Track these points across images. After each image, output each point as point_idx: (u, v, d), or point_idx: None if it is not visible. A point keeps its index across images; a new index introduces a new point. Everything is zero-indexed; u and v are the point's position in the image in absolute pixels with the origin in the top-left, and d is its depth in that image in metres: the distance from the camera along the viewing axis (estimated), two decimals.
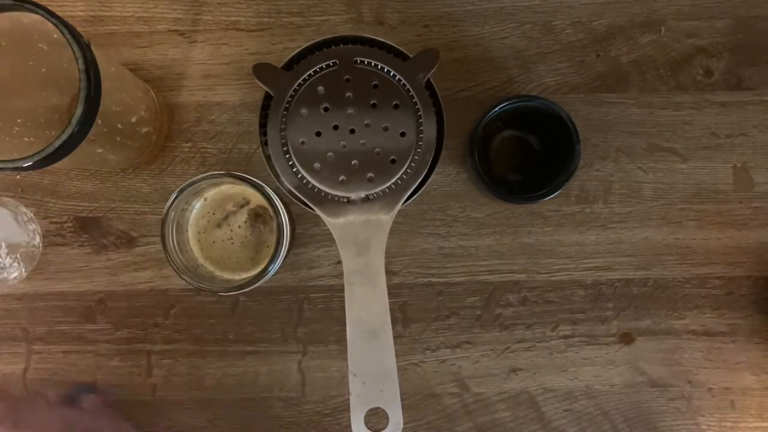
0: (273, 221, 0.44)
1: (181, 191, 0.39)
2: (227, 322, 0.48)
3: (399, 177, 0.38)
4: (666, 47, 0.48)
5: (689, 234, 0.48)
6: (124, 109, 0.41)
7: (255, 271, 0.42)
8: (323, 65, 0.38)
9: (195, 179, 0.39)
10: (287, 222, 0.41)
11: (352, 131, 0.38)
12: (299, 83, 0.38)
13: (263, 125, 0.39)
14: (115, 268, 0.48)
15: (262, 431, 0.48)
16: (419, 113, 0.38)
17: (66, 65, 0.41)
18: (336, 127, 0.38)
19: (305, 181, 0.38)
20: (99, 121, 0.35)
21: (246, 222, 0.45)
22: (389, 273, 0.48)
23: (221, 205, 0.45)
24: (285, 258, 0.42)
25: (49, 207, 0.48)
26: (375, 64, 0.38)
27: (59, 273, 0.48)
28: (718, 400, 0.48)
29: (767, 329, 0.48)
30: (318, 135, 0.38)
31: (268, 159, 0.40)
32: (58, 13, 0.34)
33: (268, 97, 0.39)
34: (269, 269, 0.40)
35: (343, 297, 0.38)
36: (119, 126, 0.41)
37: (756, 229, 0.48)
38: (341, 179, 0.38)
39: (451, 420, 0.48)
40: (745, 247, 0.48)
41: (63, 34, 0.33)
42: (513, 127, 0.47)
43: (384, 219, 0.38)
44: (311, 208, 0.39)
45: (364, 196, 0.38)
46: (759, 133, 0.48)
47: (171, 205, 0.40)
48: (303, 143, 0.38)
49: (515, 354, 0.48)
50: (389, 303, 0.38)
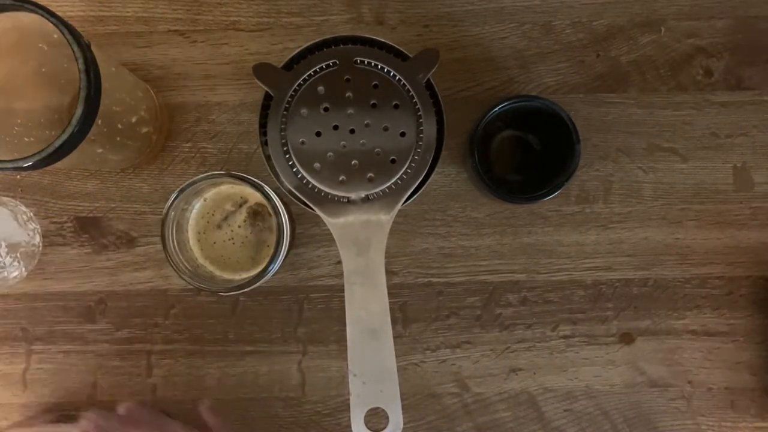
0: (272, 218, 0.44)
1: (181, 191, 0.39)
2: (227, 322, 0.48)
3: (399, 177, 0.38)
4: (666, 47, 0.48)
5: (689, 234, 0.48)
6: (124, 109, 0.41)
7: (255, 271, 0.42)
8: (323, 65, 0.38)
9: (195, 179, 0.39)
10: (287, 222, 0.41)
11: (352, 131, 0.38)
12: (299, 83, 0.38)
13: (263, 125, 0.39)
14: (115, 268, 0.48)
15: (262, 431, 0.48)
16: (419, 113, 0.38)
17: (66, 65, 0.41)
18: (336, 127, 0.38)
19: (305, 181, 0.38)
20: (99, 121, 0.35)
21: (245, 221, 0.45)
22: (389, 273, 0.48)
23: (221, 206, 0.45)
24: (285, 258, 0.42)
25: (49, 207, 0.48)
26: (375, 64, 0.38)
27: (59, 273, 0.48)
28: (718, 400, 0.48)
29: (767, 329, 0.48)
30: (318, 135, 0.38)
31: (268, 159, 0.40)
32: (58, 13, 0.34)
33: (268, 97, 0.39)
34: (269, 269, 0.40)
35: (343, 297, 0.38)
36: (119, 126, 0.41)
37: (756, 229, 0.48)
38: (341, 179, 0.38)
39: (451, 420, 0.48)
40: (745, 247, 0.48)
41: (63, 34, 0.33)
42: (513, 127, 0.47)
43: (384, 219, 0.38)
44: (311, 208, 0.39)
45: (364, 196, 0.38)
46: (759, 133, 0.48)
47: (171, 205, 0.40)
48: (303, 143, 0.38)
49: (515, 354, 0.48)
50: (389, 303, 0.38)
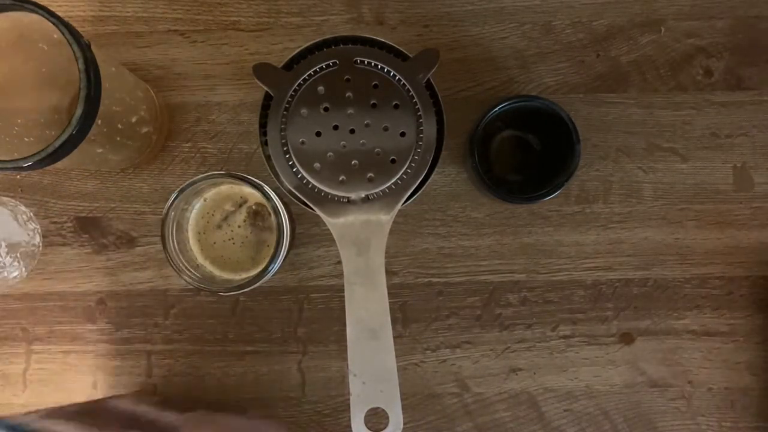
0: (272, 218, 0.43)
1: (181, 191, 0.39)
2: (227, 322, 0.48)
3: (399, 177, 0.38)
4: (666, 47, 0.48)
5: (689, 234, 0.48)
6: (124, 109, 0.41)
7: (255, 271, 0.42)
8: (323, 65, 0.38)
9: (195, 179, 0.39)
10: (287, 222, 0.41)
11: (352, 131, 0.38)
12: (299, 83, 0.38)
13: (263, 125, 0.39)
14: (115, 268, 0.48)
15: None
16: (419, 113, 0.38)
17: (66, 65, 0.40)
18: (336, 127, 0.38)
19: (305, 181, 0.38)
20: (99, 121, 0.35)
21: (245, 221, 0.45)
22: (389, 273, 0.48)
23: (221, 206, 0.45)
24: (285, 258, 0.42)
25: (49, 207, 0.48)
26: (375, 64, 0.38)
27: (59, 273, 0.48)
28: (718, 400, 0.48)
29: (767, 329, 0.48)
30: (318, 135, 0.38)
31: (268, 159, 0.40)
32: (58, 13, 0.34)
33: (268, 97, 0.39)
34: (269, 269, 0.40)
35: (343, 297, 0.38)
36: (119, 126, 0.41)
37: (756, 229, 0.48)
38: (341, 179, 0.38)
39: (451, 420, 0.48)
40: (745, 247, 0.48)
41: (63, 34, 0.33)
42: (513, 127, 0.47)
43: (384, 219, 0.38)
44: (311, 208, 0.39)
45: (364, 196, 0.38)
46: (759, 133, 0.48)
47: (171, 205, 0.40)
48: (303, 143, 0.38)
49: (515, 354, 0.48)
50: (389, 303, 0.38)
